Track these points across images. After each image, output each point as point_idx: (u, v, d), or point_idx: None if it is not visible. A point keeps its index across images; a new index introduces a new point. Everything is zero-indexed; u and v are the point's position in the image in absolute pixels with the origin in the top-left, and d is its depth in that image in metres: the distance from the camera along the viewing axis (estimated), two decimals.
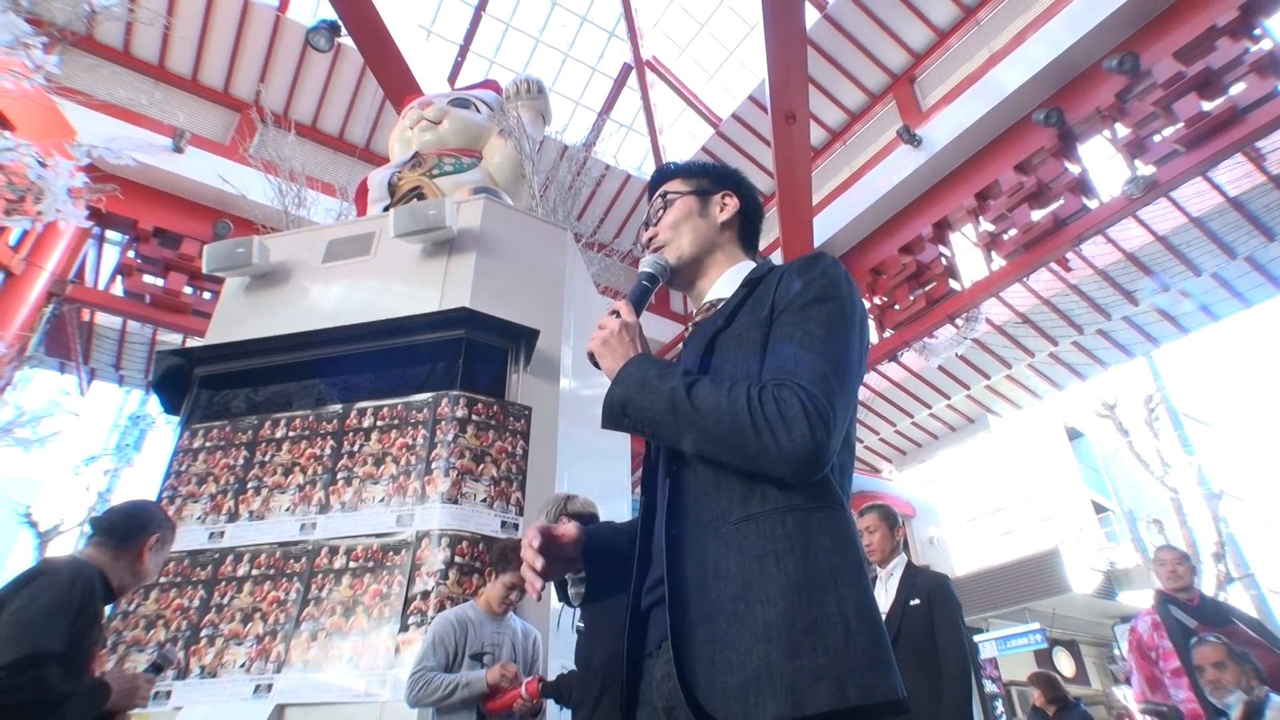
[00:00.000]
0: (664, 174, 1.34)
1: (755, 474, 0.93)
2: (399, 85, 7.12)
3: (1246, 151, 7.03)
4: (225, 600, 2.68)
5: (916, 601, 2.77)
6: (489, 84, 5.12)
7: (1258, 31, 6.44)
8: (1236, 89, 6.43)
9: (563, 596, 1.20)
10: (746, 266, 1.24)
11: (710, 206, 1.27)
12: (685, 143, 12.09)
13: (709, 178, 1.30)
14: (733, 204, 1.28)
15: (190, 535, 2.88)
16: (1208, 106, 6.51)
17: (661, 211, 1.28)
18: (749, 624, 0.85)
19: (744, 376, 0.99)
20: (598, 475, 3.80)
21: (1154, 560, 3.76)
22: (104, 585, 1.77)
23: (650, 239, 1.27)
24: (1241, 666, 2.80)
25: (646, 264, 1.22)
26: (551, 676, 2.35)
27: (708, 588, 0.90)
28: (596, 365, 1.09)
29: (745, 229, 1.30)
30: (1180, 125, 6.65)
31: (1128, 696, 12.31)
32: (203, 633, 2.62)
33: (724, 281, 1.22)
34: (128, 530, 1.86)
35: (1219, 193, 8.05)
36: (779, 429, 0.89)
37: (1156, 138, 6.99)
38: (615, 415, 1.02)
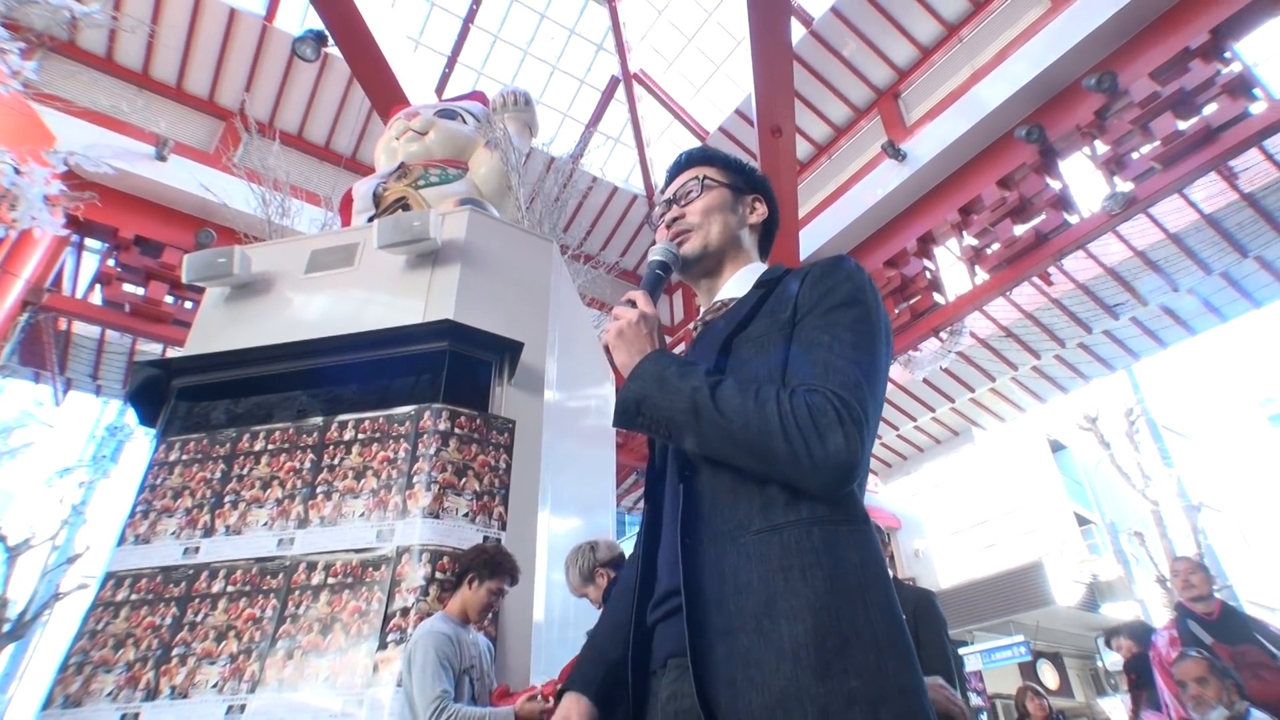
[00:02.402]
0: (699, 158, 1.29)
1: (777, 482, 0.88)
2: (386, 96, 7.10)
3: (1220, 170, 7.17)
4: (199, 618, 2.61)
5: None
6: (476, 95, 5.10)
7: (1228, 54, 6.60)
8: (1209, 109, 6.57)
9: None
10: (759, 268, 1.20)
11: (742, 206, 1.24)
12: (672, 155, 12.07)
13: (744, 177, 1.27)
14: (762, 210, 1.26)
15: (164, 551, 2.81)
16: (1183, 125, 6.64)
17: (696, 193, 1.22)
18: (774, 641, 0.79)
19: (766, 379, 0.93)
20: (582, 489, 3.76)
21: (1170, 571, 3.67)
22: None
23: (676, 218, 1.21)
24: (1223, 682, 2.81)
25: (658, 252, 1.16)
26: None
27: (727, 601, 0.84)
28: (612, 359, 1.02)
29: (765, 238, 1.27)
30: (1157, 143, 6.78)
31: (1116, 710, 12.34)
32: (174, 652, 2.55)
33: (737, 281, 1.17)
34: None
35: (1194, 209, 8.20)
36: (812, 437, 0.83)
37: (1135, 155, 7.12)
38: (629, 414, 0.95)
